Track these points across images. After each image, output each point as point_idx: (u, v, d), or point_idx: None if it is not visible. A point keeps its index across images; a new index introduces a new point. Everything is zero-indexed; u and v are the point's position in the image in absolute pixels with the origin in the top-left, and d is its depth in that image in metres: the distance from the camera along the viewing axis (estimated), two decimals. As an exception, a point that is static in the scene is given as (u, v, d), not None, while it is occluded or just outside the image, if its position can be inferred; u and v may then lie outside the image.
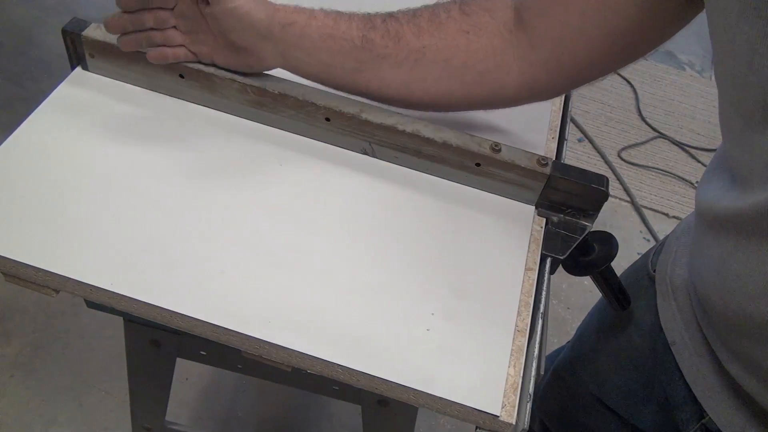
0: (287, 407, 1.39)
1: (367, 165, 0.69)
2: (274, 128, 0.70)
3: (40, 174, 0.62)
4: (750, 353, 0.53)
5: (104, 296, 0.56)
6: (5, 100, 1.82)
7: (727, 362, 0.58)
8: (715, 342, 0.59)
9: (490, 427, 0.54)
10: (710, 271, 0.56)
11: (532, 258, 0.64)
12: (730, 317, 0.54)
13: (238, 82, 0.66)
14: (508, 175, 0.66)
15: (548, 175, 0.64)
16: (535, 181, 0.65)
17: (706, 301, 0.59)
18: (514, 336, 0.58)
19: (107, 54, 0.69)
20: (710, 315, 0.59)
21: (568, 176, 0.64)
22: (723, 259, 0.53)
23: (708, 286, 0.57)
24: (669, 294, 0.67)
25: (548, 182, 0.65)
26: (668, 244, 0.71)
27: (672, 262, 0.68)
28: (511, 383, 0.55)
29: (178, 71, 0.68)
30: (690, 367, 0.64)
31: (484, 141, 0.65)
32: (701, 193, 0.59)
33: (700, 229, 0.59)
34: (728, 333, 0.56)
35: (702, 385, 0.63)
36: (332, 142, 0.69)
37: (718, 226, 0.54)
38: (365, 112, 0.66)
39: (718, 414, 0.61)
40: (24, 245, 0.57)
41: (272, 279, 0.58)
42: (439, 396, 0.53)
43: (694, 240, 0.63)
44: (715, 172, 0.59)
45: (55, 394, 1.34)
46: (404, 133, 0.66)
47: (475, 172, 0.67)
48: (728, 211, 0.52)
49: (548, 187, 0.65)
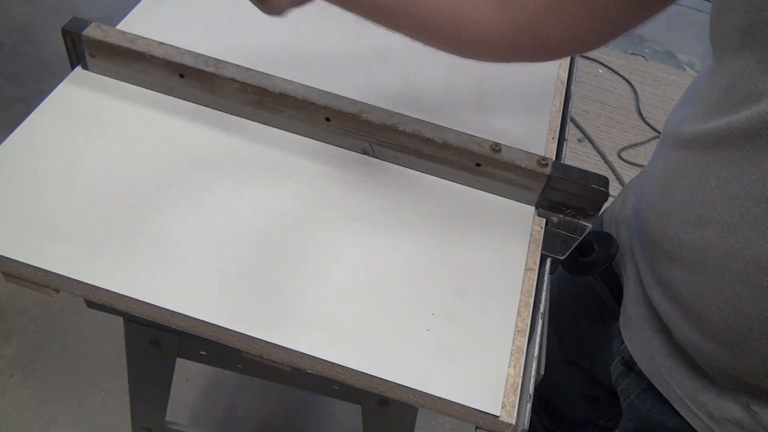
0: (287, 407, 1.39)
1: (367, 165, 0.69)
2: (275, 128, 0.70)
3: (39, 174, 0.62)
4: (673, 279, 0.56)
5: (104, 296, 0.56)
6: (5, 100, 1.82)
7: (650, 288, 0.60)
8: (643, 268, 0.61)
9: (490, 427, 0.54)
10: (655, 195, 0.59)
11: (532, 258, 0.64)
12: (663, 242, 0.56)
13: (238, 81, 0.66)
14: (508, 175, 0.66)
15: (548, 176, 0.64)
16: (535, 182, 0.65)
17: (644, 226, 0.61)
18: (514, 336, 0.58)
19: (107, 54, 0.69)
20: (644, 240, 0.61)
21: (568, 177, 0.64)
22: (668, 182, 0.56)
23: (650, 209, 0.60)
24: (612, 229, 0.70)
25: (548, 183, 0.65)
26: (621, 192, 0.75)
27: (621, 202, 0.71)
28: (511, 383, 0.55)
29: (178, 71, 0.68)
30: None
31: (484, 141, 0.65)
32: (670, 117, 0.61)
33: (658, 151, 0.62)
34: (659, 258, 0.58)
35: (625, 315, 0.65)
36: (332, 142, 0.69)
37: (675, 147, 0.56)
38: (365, 112, 0.66)
39: (633, 342, 0.64)
40: (24, 245, 0.57)
41: (272, 279, 0.58)
42: (439, 396, 0.53)
43: (648, 164, 0.65)
44: (689, 95, 0.60)
45: (55, 394, 1.34)
46: (404, 133, 0.66)
47: (475, 173, 0.67)
48: (686, 134, 0.54)
49: (548, 187, 0.65)
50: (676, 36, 2.55)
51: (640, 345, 0.63)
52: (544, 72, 0.85)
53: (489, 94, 0.81)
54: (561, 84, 0.83)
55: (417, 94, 0.79)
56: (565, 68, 0.86)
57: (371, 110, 0.66)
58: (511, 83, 0.84)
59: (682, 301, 0.55)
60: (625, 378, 0.67)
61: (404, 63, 0.82)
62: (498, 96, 0.81)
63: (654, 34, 2.53)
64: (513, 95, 0.82)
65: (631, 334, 0.64)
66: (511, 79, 0.84)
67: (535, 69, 0.86)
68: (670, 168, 0.56)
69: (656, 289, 0.59)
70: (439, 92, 0.80)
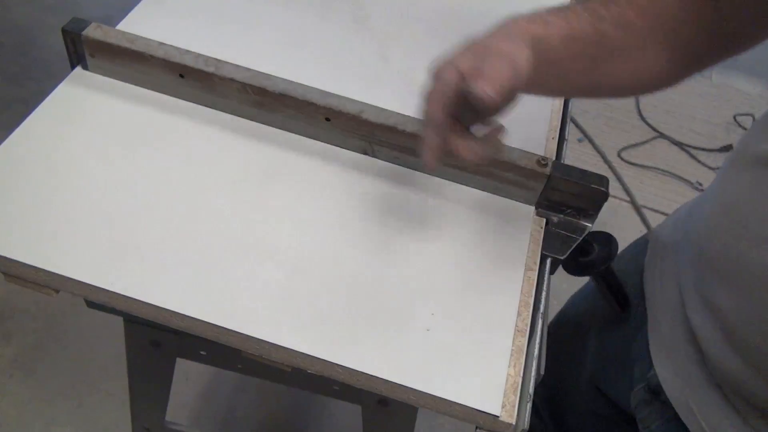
0: (287, 407, 1.39)
1: (367, 165, 0.69)
2: (275, 128, 0.70)
3: (40, 174, 0.62)
4: (721, 301, 0.55)
5: (104, 296, 0.56)
6: (5, 100, 1.82)
7: (694, 311, 0.59)
8: (689, 290, 0.60)
9: (490, 428, 0.54)
10: (719, 215, 0.57)
11: (532, 258, 0.64)
12: (721, 262, 0.55)
13: (237, 81, 0.66)
14: (508, 175, 0.66)
15: (548, 176, 0.64)
16: (535, 182, 0.65)
17: (700, 247, 0.60)
18: (514, 336, 0.58)
19: (107, 54, 0.69)
20: (697, 262, 0.60)
21: (568, 177, 0.64)
22: (738, 201, 0.55)
23: (711, 229, 0.58)
24: (657, 255, 0.70)
25: (548, 183, 0.65)
26: (666, 219, 0.75)
27: (671, 227, 0.71)
28: (511, 383, 0.55)
29: (178, 71, 0.68)
30: (653, 319, 0.66)
31: None
32: (746, 135, 0.60)
33: (725, 174, 0.60)
34: (710, 280, 0.57)
35: (657, 339, 0.64)
36: (332, 142, 0.69)
37: (750, 166, 0.55)
38: (365, 112, 0.66)
39: (664, 368, 0.63)
40: (24, 245, 0.57)
41: (273, 279, 0.58)
42: (439, 396, 0.53)
43: (710, 188, 0.64)
44: None
45: (55, 394, 1.34)
46: (404, 133, 0.65)
47: (475, 172, 0.67)
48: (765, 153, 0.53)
49: (548, 187, 0.65)
50: (676, 36, 2.55)
51: (672, 372, 0.61)
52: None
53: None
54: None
55: (417, 92, 0.79)
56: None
57: (371, 110, 0.66)
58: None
59: (728, 326, 0.54)
60: (647, 406, 0.65)
61: (404, 63, 0.82)
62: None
63: (654, 34, 2.53)
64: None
65: (662, 359, 0.63)
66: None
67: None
68: (742, 187, 0.55)
69: (701, 312, 0.58)
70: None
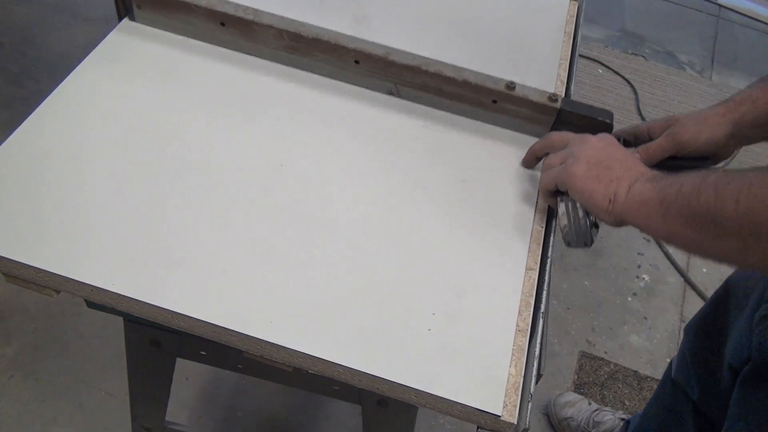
0: (287, 407, 1.39)
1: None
2: (308, 72, 0.75)
3: (40, 173, 0.62)
4: None
5: (105, 297, 0.56)
6: (5, 100, 1.82)
7: None
8: None
9: (491, 427, 0.54)
10: None
11: (533, 258, 0.64)
12: None
13: (275, 28, 0.71)
14: (522, 110, 0.72)
15: (558, 110, 0.70)
16: (546, 116, 0.71)
17: None
18: (515, 336, 0.58)
19: (153, 5, 0.73)
20: None
21: (576, 110, 0.70)
22: None
23: None
24: None
25: (558, 116, 0.71)
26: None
27: None
28: (512, 383, 0.55)
29: (219, 19, 0.72)
30: None
31: (500, 80, 0.70)
32: None
33: None
34: None
35: None
36: (361, 84, 0.74)
37: None
38: (392, 54, 0.71)
39: None
40: (25, 245, 0.57)
41: (274, 279, 0.58)
42: (441, 396, 0.53)
43: None
44: None
45: (55, 394, 1.34)
46: (428, 73, 0.70)
47: (491, 109, 0.72)
48: None
49: (558, 121, 0.71)
50: (677, 36, 2.54)
51: None
52: (544, 74, 0.85)
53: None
54: (561, 84, 0.84)
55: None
56: (565, 68, 0.86)
57: (397, 53, 0.71)
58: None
59: None
60: None
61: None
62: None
63: (654, 34, 2.53)
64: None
65: None
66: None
67: (536, 70, 0.86)
68: None
69: None
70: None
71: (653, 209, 0.56)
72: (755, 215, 0.48)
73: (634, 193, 0.58)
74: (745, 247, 0.50)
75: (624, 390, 1.48)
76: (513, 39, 0.86)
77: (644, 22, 2.56)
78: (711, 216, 0.51)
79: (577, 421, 1.33)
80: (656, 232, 0.58)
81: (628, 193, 0.59)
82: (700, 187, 0.53)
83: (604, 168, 0.60)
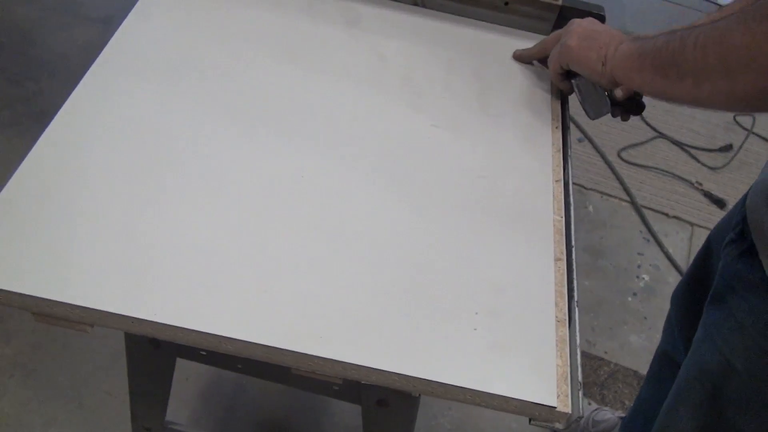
0: (287, 407, 1.39)
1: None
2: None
3: (57, 202, 0.60)
4: None
5: (147, 327, 0.54)
6: (5, 100, 1.82)
7: None
8: None
9: (546, 419, 0.54)
10: None
11: (558, 248, 0.64)
12: None
13: None
14: (529, 9, 0.89)
15: (560, 6, 0.87)
16: (550, 13, 0.89)
17: None
18: (556, 327, 0.58)
19: None
20: None
21: (574, 6, 0.87)
22: None
23: None
24: None
25: (560, 13, 0.88)
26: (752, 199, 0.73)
27: None
28: (561, 373, 0.56)
29: None
30: None
31: None
32: None
33: None
34: None
35: None
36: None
37: None
38: None
39: None
40: (53, 281, 0.55)
41: (318, 293, 0.58)
42: (498, 394, 0.53)
43: None
44: None
45: (55, 394, 1.34)
46: None
47: (503, 11, 0.90)
48: None
49: (560, 16, 0.88)
50: (676, 36, 2.54)
51: None
52: (543, 74, 0.86)
53: (490, 96, 0.81)
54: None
55: (418, 91, 0.79)
56: None
57: None
58: (513, 92, 0.83)
59: None
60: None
61: (402, 60, 0.82)
62: (499, 97, 0.82)
63: (654, 34, 2.53)
64: (514, 101, 0.82)
65: None
66: (512, 85, 0.84)
67: (534, 76, 0.86)
68: None
69: None
70: (440, 94, 0.80)
71: (634, 63, 0.66)
72: (707, 54, 0.56)
73: (619, 52, 0.69)
74: (698, 83, 0.58)
75: (624, 390, 1.48)
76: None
77: (644, 23, 2.56)
78: (674, 60, 0.60)
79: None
80: (634, 82, 0.68)
81: (615, 54, 0.69)
82: (669, 39, 0.61)
83: (593, 39, 0.73)
